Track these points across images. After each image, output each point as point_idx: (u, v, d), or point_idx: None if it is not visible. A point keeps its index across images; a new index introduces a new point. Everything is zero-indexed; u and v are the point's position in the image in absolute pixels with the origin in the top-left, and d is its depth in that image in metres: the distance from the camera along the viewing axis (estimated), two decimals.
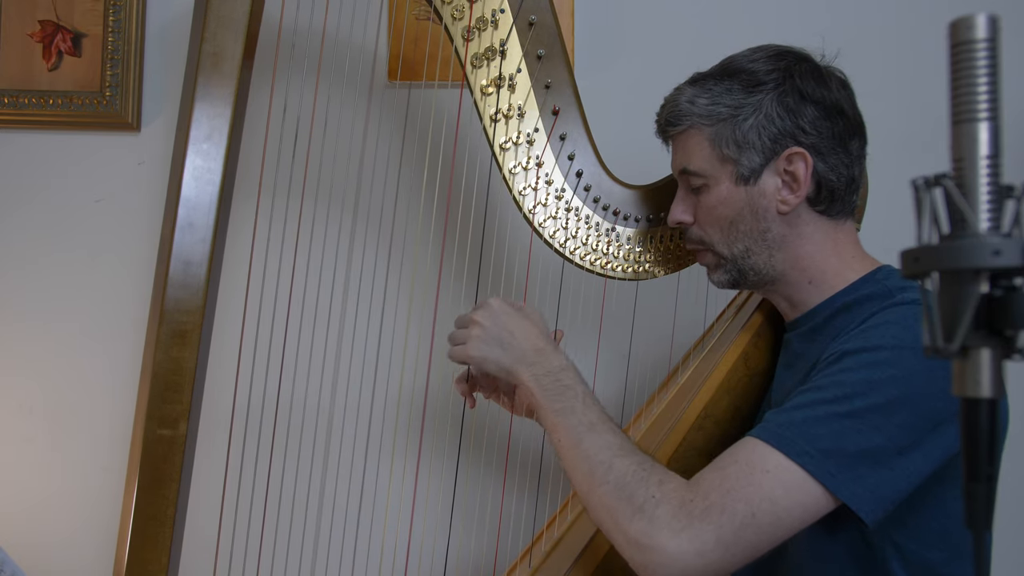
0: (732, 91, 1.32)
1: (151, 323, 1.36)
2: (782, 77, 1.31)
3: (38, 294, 1.98)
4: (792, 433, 1.14)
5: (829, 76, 1.33)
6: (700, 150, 1.35)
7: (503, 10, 1.45)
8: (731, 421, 1.42)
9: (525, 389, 1.33)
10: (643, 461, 1.21)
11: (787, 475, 1.13)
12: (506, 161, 1.47)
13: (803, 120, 1.29)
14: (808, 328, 1.35)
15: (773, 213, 1.32)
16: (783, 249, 1.34)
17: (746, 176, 1.32)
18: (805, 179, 1.30)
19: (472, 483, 1.88)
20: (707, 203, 1.37)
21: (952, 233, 0.65)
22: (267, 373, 1.60)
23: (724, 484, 1.14)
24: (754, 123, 1.30)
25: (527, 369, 1.33)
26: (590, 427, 1.25)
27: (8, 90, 1.98)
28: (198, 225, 1.33)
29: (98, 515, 1.92)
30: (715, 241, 1.38)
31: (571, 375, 1.32)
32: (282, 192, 1.70)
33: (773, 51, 1.35)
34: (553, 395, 1.29)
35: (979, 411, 0.64)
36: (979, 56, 0.64)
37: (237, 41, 1.34)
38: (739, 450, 1.18)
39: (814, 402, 1.17)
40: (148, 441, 1.30)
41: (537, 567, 1.42)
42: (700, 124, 1.35)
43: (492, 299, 1.39)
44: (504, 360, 1.34)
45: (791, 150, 1.29)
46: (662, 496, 1.16)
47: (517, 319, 1.36)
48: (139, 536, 1.30)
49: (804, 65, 1.33)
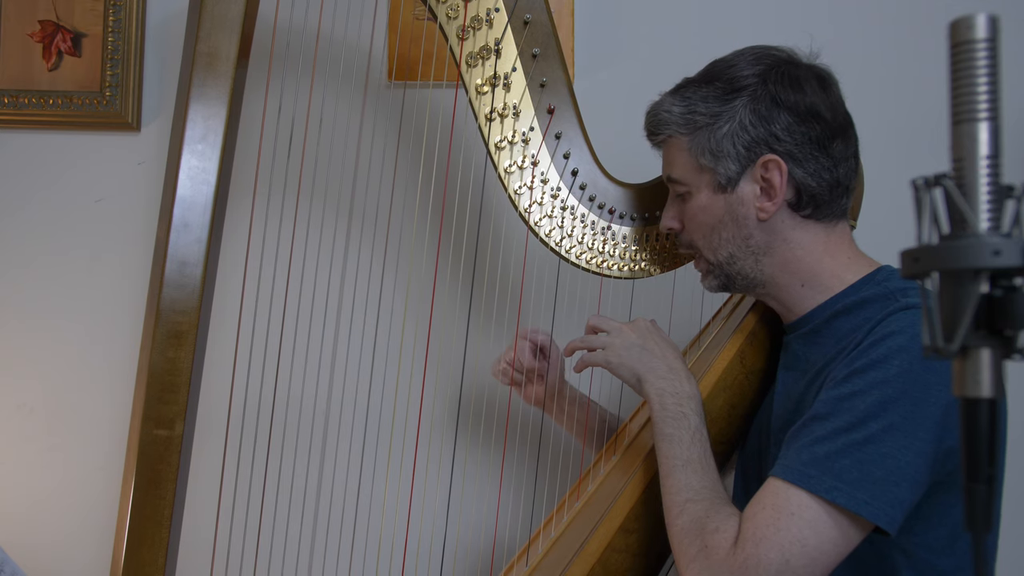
0: (708, 99, 1.32)
1: (147, 323, 1.36)
2: (757, 83, 1.30)
3: (38, 294, 1.99)
4: (817, 471, 1.14)
5: (806, 79, 1.31)
6: (680, 159, 1.37)
7: (498, 9, 1.45)
8: (727, 419, 1.42)
9: (647, 400, 1.37)
10: (711, 507, 1.22)
11: (813, 513, 1.13)
12: (501, 160, 1.47)
13: (776, 127, 1.28)
14: (807, 330, 1.35)
15: (754, 220, 1.32)
16: (769, 254, 1.34)
17: (723, 184, 1.32)
18: (781, 186, 1.29)
19: (469, 482, 1.88)
20: (690, 211, 1.38)
21: (952, 233, 0.65)
22: (263, 373, 1.60)
23: (756, 533, 1.14)
24: (728, 131, 1.30)
25: (656, 381, 1.36)
26: (684, 464, 1.28)
27: (8, 90, 1.98)
28: (193, 225, 1.33)
29: (97, 515, 1.93)
30: (701, 247, 1.39)
31: (693, 406, 1.33)
32: (277, 192, 1.70)
33: (753, 55, 1.34)
34: (668, 418, 1.32)
35: (979, 411, 0.64)
36: (979, 56, 0.64)
37: (232, 41, 1.34)
38: (765, 494, 1.18)
39: (832, 433, 1.15)
40: (145, 442, 1.30)
41: (534, 566, 1.42)
42: (678, 133, 1.36)
43: (641, 318, 1.45)
44: (637, 367, 1.38)
45: (765, 158, 1.29)
46: (714, 546, 1.17)
47: (660, 339, 1.41)
48: (136, 536, 1.30)
49: (781, 69, 1.31)
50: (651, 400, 1.35)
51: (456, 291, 1.77)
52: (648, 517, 1.34)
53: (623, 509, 1.34)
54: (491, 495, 1.87)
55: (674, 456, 1.29)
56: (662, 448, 1.31)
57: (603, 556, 1.32)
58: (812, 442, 1.16)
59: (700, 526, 1.20)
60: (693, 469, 1.27)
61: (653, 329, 1.43)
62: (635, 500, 1.35)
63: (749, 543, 1.14)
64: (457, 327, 1.81)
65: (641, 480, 1.36)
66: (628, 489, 1.36)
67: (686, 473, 1.27)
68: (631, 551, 1.33)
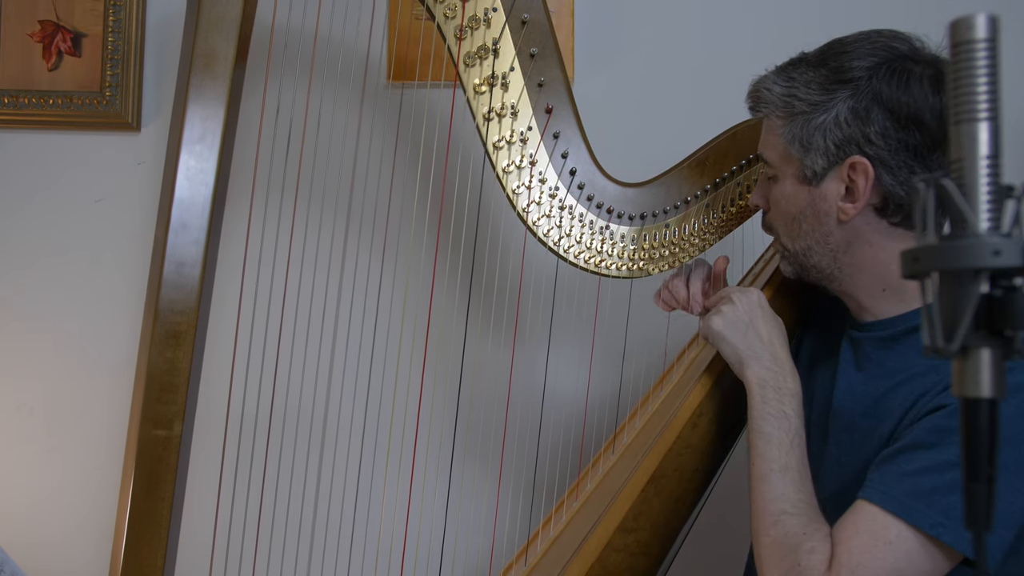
0: (812, 84, 1.25)
1: (145, 324, 1.36)
2: (864, 76, 1.22)
3: (38, 294, 1.99)
4: (922, 504, 1.11)
5: (919, 79, 1.21)
6: (771, 141, 1.32)
7: (495, 8, 1.45)
8: (724, 418, 1.42)
9: (747, 386, 1.31)
10: (808, 524, 1.19)
11: (911, 544, 1.11)
12: (499, 160, 1.47)
13: (871, 128, 1.20)
14: (886, 335, 1.29)
15: (834, 219, 1.26)
16: (849, 254, 1.28)
17: (809, 177, 1.27)
18: (865, 191, 1.22)
19: (468, 481, 1.88)
20: (775, 195, 1.34)
21: (952, 233, 0.65)
22: (261, 373, 1.60)
23: (852, 559, 1.12)
24: (822, 124, 1.23)
25: (758, 370, 1.31)
26: (783, 470, 1.24)
27: (8, 90, 1.98)
28: (191, 226, 1.33)
29: (97, 515, 1.93)
30: (781, 233, 1.35)
31: (795, 404, 1.28)
32: (275, 192, 1.70)
33: (871, 44, 1.26)
34: (768, 415, 1.27)
35: (979, 411, 0.65)
36: (979, 56, 0.63)
37: (229, 42, 1.34)
38: (860, 519, 1.15)
39: (939, 466, 1.12)
40: (143, 442, 1.31)
41: (533, 565, 1.42)
42: (775, 115, 1.30)
43: (755, 289, 1.38)
44: (740, 348, 1.33)
45: (853, 159, 1.22)
46: (808, 566, 1.15)
47: (769, 320, 1.34)
48: (134, 536, 1.30)
49: (894, 65, 1.22)
50: (751, 389, 1.30)
51: (454, 290, 1.77)
52: (647, 516, 1.34)
53: (622, 508, 1.34)
54: (490, 494, 1.87)
55: (771, 459, 1.24)
56: (758, 446, 1.26)
57: (602, 555, 1.32)
58: (916, 472, 1.13)
59: (796, 543, 1.18)
60: (791, 478, 1.23)
61: (765, 306, 1.36)
62: (634, 499, 1.34)
63: (844, 569, 1.12)
64: (455, 326, 1.81)
65: (640, 479, 1.35)
66: (627, 488, 1.36)
67: (784, 481, 1.23)
68: (630, 551, 1.33)
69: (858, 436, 1.28)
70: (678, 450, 1.37)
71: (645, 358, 1.79)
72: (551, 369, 1.84)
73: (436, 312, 1.73)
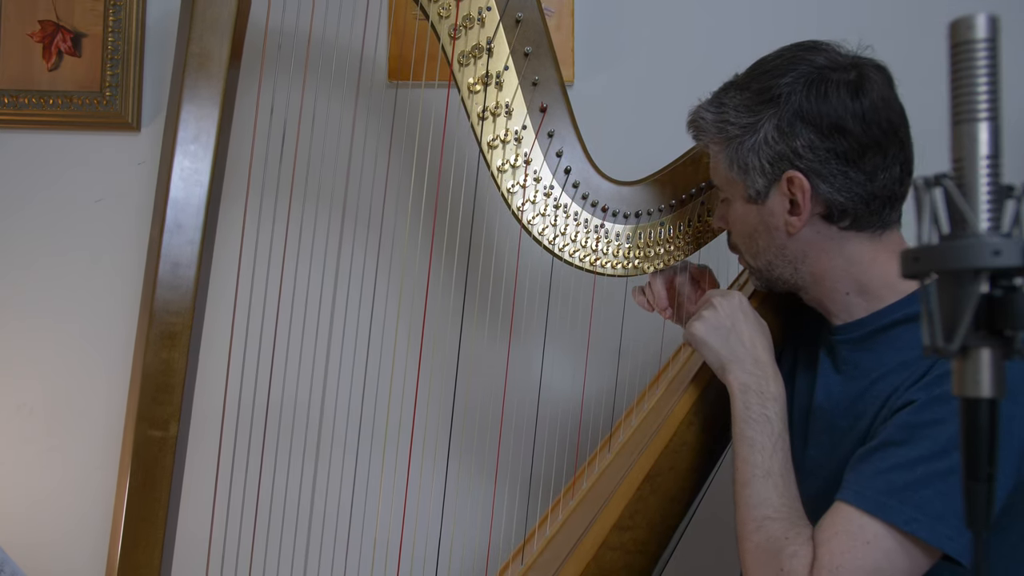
0: (740, 108, 1.28)
1: (141, 324, 1.36)
2: (785, 94, 1.24)
3: (38, 294, 1.99)
4: (896, 500, 1.12)
5: (835, 89, 1.23)
6: (716, 167, 1.36)
7: (489, 8, 1.44)
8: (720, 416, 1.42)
9: (729, 391, 1.32)
10: (790, 528, 1.20)
11: (889, 543, 1.12)
12: (494, 159, 1.46)
13: (798, 142, 1.23)
14: (858, 336, 1.31)
15: (784, 232, 1.29)
16: (807, 263, 1.31)
17: (754, 197, 1.30)
18: (805, 203, 1.25)
19: (464, 480, 1.88)
20: (731, 217, 1.37)
21: (952, 233, 0.65)
22: (257, 373, 1.59)
23: (833, 561, 1.13)
24: (753, 145, 1.27)
25: (740, 374, 1.32)
26: (765, 475, 1.25)
27: (8, 90, 1.99)
28: (186, 226, 1.32)
29: (96, 515, 1.94)
30: (743, 251, 1.39)
31: (778, 408, 1.29)
32: (270, 193, 1.70)
33: (789, 58, 1.28)
34: (751, 420, 1.28)
35: (979, 411, 0.65)
36: (979, 56, 0.63)
37: (223, 43, 1.34)
38: (837, 519, 1.16)
39: (911, 461, 1.13)
40: (139, 442, 1.31)
41: (529, 565, 1.42)
42: (712, 142, 1.34)
43: (737, 292, 1.40)
44: (722, 353, 1.34)
45: (788, 174, 1.25)
46: (790, 571, 1.16)
47: (751, 324, 1.35)
48: (131, 537, 1.30)
49: (811, 77, 1.24)
50: (733, 394, 1.31)
51: (450, 290, 1.76)
52: (644, 514, 1.34)
53: (618, 506, 1.34)
54: (486, 494, 1.87)
55: (754, 464, 1.25)
56: (740, 451, 1.27)
57: (598, 554, 1.32)
58: (888, 469, 1.14)
59: (778, 548, 1.18)
60: (774, 482, 1.24)
61: (746, 309, 1.37)
62: (630, 497, 1.34)
63: (825, 571, 1.13)
64: (451, 325, 1.81)
65: (636, 477, 1.36)
66: (623, 486, 1.36)
67: (766, 486, 1.24)
68: (626, 549, 1.33)
69: (838, 436, 1.29)
70: (674, 448, 1.37)
71: (641, 356, 1.79)
72: (546, 368, 1.85)
73: (431, 312, 1.73)
